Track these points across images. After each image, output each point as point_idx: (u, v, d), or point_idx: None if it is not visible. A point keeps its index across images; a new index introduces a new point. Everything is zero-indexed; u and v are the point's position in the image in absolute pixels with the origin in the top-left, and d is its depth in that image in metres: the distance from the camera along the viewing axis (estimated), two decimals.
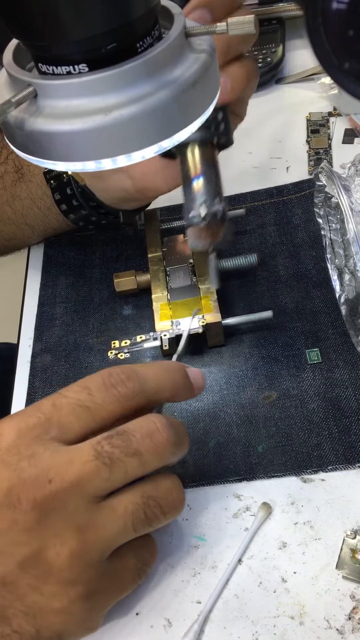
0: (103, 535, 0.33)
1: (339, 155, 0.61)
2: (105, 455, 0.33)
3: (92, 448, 0.33)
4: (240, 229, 0.57)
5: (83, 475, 0.32)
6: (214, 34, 0.27)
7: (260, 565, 0.38)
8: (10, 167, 0.52)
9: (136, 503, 0.34)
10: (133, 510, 0.34)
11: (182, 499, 0.36)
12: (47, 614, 0.32)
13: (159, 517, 0.35)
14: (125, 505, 0.34)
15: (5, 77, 0.27)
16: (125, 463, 0.33)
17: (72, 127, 0.25)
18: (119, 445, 0.33)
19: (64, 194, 0.51)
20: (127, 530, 0.34)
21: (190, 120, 0.27)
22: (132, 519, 0.34)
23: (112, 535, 0.33)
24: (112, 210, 0.52)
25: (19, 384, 0.51)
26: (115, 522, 0.33)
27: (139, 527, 0.34)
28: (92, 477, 0.32)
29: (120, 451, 0.33)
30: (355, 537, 0.38)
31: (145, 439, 0.34)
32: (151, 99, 0.25)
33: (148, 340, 0.47)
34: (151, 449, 0.34)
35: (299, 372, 0.47)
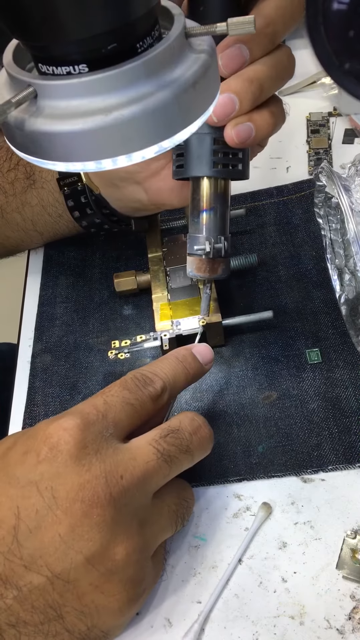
0: (156, 530, 0.35)
1: (339, 155, 0.61)
2: (165, 452, 0.34)
3: (151, 446, 0.34)
4: (241, 229, 0.57)
5: (148, 471, 0.34)
6: (214, 34, 0.27)
7: (260, 565, 0.38)
8: (21, 173, 0.51)
9: (176, 503, 0.37)
10: (175, 509, 0.36)
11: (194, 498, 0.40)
12: (103, 614, 0.32)
13: (188, 514, 0.38)
14: (168, 504, 0.36)
15: (5, 78, 0.27)
16: (180, 459, 0.35)
17: (72, 127, 0.25)
18: (175, 443, 0.35)
19: (77, 201, 0.51)
20: (172, 527, 0.37)
21: (191, 121, 0.27)
22: (175, 517, 0.36)
23: (162, 531, 0.36)
24: (124, 218, 0.52)
25: (19, 384, 0.51)
26: (164, 519, 0.36)
27: (179, 524, 0.37)
28: (155, 473, 0.34)
29: (176, 448, 0.35)
30: (355, 537, 0.38)
31: (194, 436, 0.36)
32: (151, 99, 0.25)
33: (148, 340, 0.47)
34: (199, 445, 0.36)
35: (299, 372, 0.47)
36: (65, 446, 0.32)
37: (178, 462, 0.35)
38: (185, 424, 0.36)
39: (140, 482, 0.33)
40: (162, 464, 0.34)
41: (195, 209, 0.41)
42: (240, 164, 0.40)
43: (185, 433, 0.36)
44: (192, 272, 0.42)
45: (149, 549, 0.34)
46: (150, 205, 0.49)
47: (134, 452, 0.34)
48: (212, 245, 0.41)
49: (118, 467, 0.33)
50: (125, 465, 0.33)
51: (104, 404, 0.35)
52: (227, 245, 0.42)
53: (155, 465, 0.34)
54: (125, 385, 0.36)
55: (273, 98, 0.39)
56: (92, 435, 0.33)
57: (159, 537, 0.36)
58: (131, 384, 0.37)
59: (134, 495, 0.33)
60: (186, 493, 0.39)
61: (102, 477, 0.32)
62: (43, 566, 0.31)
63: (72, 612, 0.32)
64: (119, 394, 0.36)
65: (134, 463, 0.33)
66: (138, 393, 0.36)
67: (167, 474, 0.35)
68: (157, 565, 0.37)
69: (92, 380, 0.50)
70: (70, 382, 0.50)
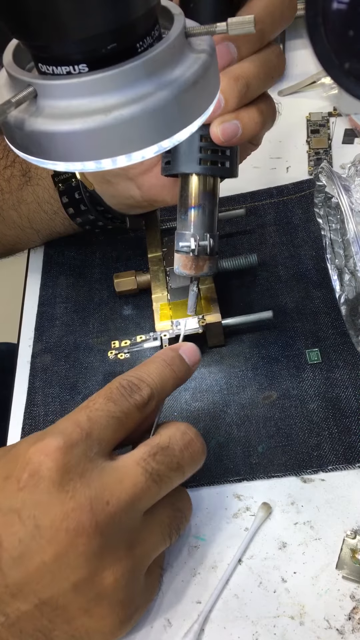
0: (147, 548, 0.34)
1: (339, 155, 0.61)
2: (154, 472, 0.33)
3: (139, 466, 0.33)
4: (240, 229, 0.57)
5: (136, 494, 0.32)
6: (214, 34, 0.27)
7: (260, 565, 0.38)
8: (17, 170, 0.51)
9: (169, 516, 0.35)
10: (168, 522, 0.35)
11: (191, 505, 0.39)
12: (93, 637, 0.32)
13: (184, 524, 0.37)
14: (161, 519, 0.35)
15: (5, 78, 0.27)
16: (170, 477, 0.34)
17: (72, 127, 0.25)
18: (164, 461, 0.34)
19: (71, 198, 0.51)
20: (165, 541, 0.35)
21: (190, 120, 0.27)
22: (168, 530, 0.35)
23: (154, 547, 0.34)
24: (118, 215, 0.52)
25: (19, 384, 0.51)
26: (156, 535, 0.34)
27: (173, 536, 0.36)
28: (144, 495, 0.32)
29: (165, 467, 0.33)
30: (355, 537, 0.38)
31: (185, 451, 0.35)
32: (151, 99, 0.25)
33: (148, 340, 0.47)
34: (190, 460, 0.35)
35: (299, 372, 0.47)
36: (47, 472, 0.31)
37: (168, 481, 0.34)
38: (177, 438, 0.35)
39: (128, 505, 0.32)
40: (151, 485, 0.33)
41: (182, 206, 0.41)
42: (228, 162, 0.40)
43: (176, 449, 0.34)
44: (178, 269, 0.42)
45: (140, 569, 0.33)
46: (144, 202, 0.49)
47: (121, 473, 0.32)
48: (198, 243, 0.41)
49: (104, 491, 0.31)
50: (111, 489, 0.32)
51: (87, 420, 0.33)
52: (214, 242, 0.41)
53: (143, 487, 0.32)
54: (110, 396, 0.35)
55: (263, 96, 0.39)
56: (75, 458, 0.32)
57: (151, 554, 0.35)
58: (116, 393, 0.35)
59: (121, 519, 0.32)
60: (181, 503, 0.37)
61: (87, 505, 0.31)
62: (30, 593, 0.30)
63: (62, 636, 0.31)
64: (103, 407, 0.34)
65: (121, 486, 0.32)
66: (124, 404, 0.34)
67: (157, 493, 0.33)
68: (151, 583, 0.36)
69: (92, 381, 0.49)
70: (70, 382, 0.50)
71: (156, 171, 0.46)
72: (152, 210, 0.55)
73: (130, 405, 0.34)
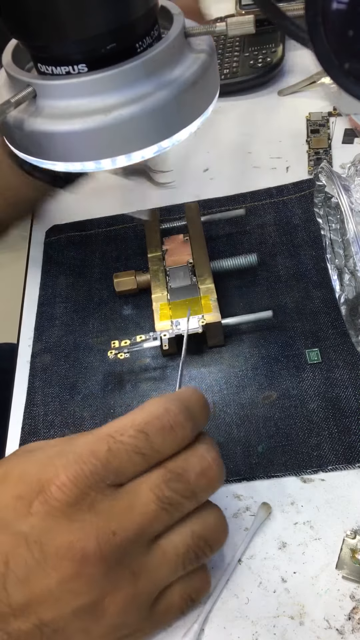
0: (154, 578, 0.33)
1: (339, 155, 0.61)
2: (165, 500, 0.32)
3: (152, 492, 0.32)
4: (240, 229, 0.57)
5: (145, 523, 0.32)
6: (214, 34, 0.27)
7: (260, 565, 0.38)
8: None
9: (187, 544, 0.33)
10: (184, 551, 0.33)
11: (226, 531, 0.35)
12: None
13: (207, 554, 0.34)
14: (176, 547, 0.33)
15: (4, 78, 0.27)
16: (183, 505, 0.33)
17: (72, 127, 0.25)
18: (178, 489, 0.32)
19: None
20: (177, 571, 0.34)
21: (190, 120, 0.27)
22: (183, 560, 0.33)
23: (163, 577, 0.33)
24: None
25: (18, 384, 0.51)
26: (166, 565, 0.33)
27: (188, 566, 0.34)
28: (154, 523, 0.32)
29: (179, 495, 0.32)
30: (355, 537, 0.38)
31: (201, 478, 0.33)
32: (151, 99, 0.25)
33: (148, 340, 0.47)
34: (205, 486, 0.33)
35: (299, 372, 0.47)
36: (57, 503, 0.31)
37: (180, 508, 0.33)
38: (194, 463, 0.33)
39: (136, 535, 0.31)
40: (161, 513, 0.32)
41: None
42: None
43: (192, 475, 0.33)
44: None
45: (143, 598, 0.33)
46: None
47: (131, 499, 0.32)
48: None
49: (111, 521, 0.31)
50: (119, 518, 0.31)
51: (107, 452, 0.32)
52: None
53: (153, 516, 0.32)
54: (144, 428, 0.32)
55: None
56: (86, 489, 0.31)
57: (158, 584, 0.34)
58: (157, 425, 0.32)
59: (127, 549, 0.31)
60: (205, 531, 0.34)
61: (93, 535, 0.31)
62: (32, 615, 0.31)
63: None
64: (132, 441, 0.32)
65: (130, 515, 0.31)
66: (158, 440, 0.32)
67: (167, 520, 0.33)
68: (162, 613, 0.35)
69: (91, 380, 0.49)
70: (70, 382, 0.50)
71: None
72: (151, 210, 0.55)
73: (165, 442, 0.32)
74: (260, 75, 0.70)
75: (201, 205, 0.58)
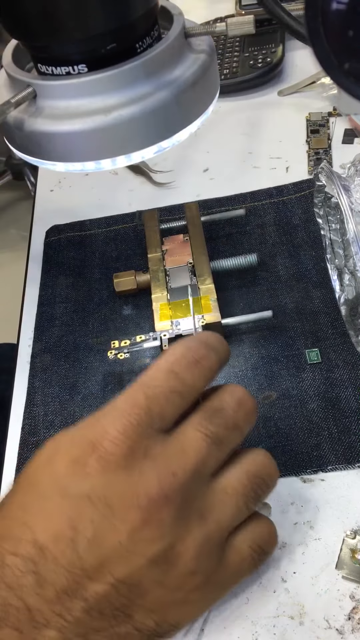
0: (221, 518, 0.33)
1: (339, 155, 0.61)
2: (212, 435, 0.33)
3: (198, 431, 0.33)
4: (240, 229, 0.57)
5: (200, 460, 0.32)
6: (214, 34, 0.27)
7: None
8: None
9: (243, 482, 0.34)
10: (242, 491, 0.34)
11: (276, 468, 0.36)
12: (168, 608, 0.32)
13: (265, 490, 0.35)
14: (234, 485, 0.34)
15: (4, 78, 0.27)
16: (229, 438, 0.34)
17: (72, 127, 0.25)
18: (221, 423, 0.34)
19: None
20: (241, 510, 0.34)
21: (190, 121, 0.27)
22: (244, 498, 0.34)
23: (229, 517, 0.34)
24: None
25: (18, 384, 0.51)
26: (229, 503, 0.33)
27: (251, 504, 0.34)
28: (208, 459, 0.33)
29: (223, 428, 0.33)
30: (355, 537, 0.38)
31: (239, 411, 0.34)
32: (151, 99, 0.25)
33: (148, 340, 0.47)
34: (245, 418, 0.35)
35: (299, 372, 0.47)
36: (112, 457, 0.32)
37: (228, 442, 0.34)
38: (228, 399, 0.35)
39: (194, 473, 0.32)
40: (213, 448, 0.33)
41: None
42: None
43: (230, 410, 0.34)
44: None
45: (214, 539, 0.33)
46: None
47: (182, 442, 0.33)
48: None
49: (169, 464, 0.32)
50: (176, 460, 0.32)
51: (145, 399, 0.33)
52: None
53: (206, 452, 0.33)
54: (171, 367, 0.33)
55: None
56: (137, 438, 0.32)
57: (226, 524, 0.34)
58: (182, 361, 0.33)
59: (190, 488, 0.32)
60: (257, 467, 0.35)
61: (155, 479, 0.31)
62: (107, 574, 0.31)
63: (139, 611, 0.31)
64: (163, 384, 0.33)
65: (185, 456, 0.32)
66: (188, 375, 0.33)
67: (220, 456, 0.33)
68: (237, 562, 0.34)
69: (91, 380, 0.50)
70: (69, 382, 0.50)
71: None
72: (151, 210, 0.55)
73: (194, 376, 0.34)
74: (260, 75, 0.70)
75: (201, 205, 0.58)
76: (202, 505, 0.33)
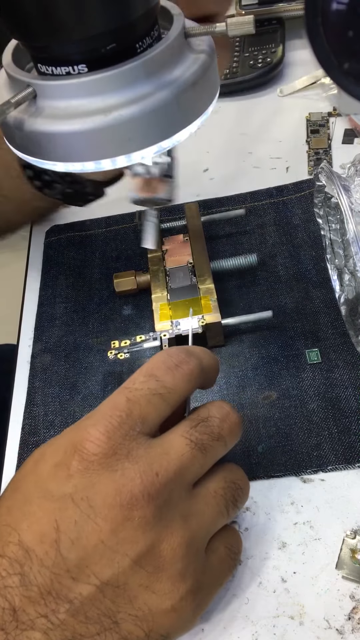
0: (203, 521, 0.34)
1: (339, 156, 0.61)
2: (198, 442, 0.34)
3: (183, 437, 0.34)
4: (240, 229, 0.57)
5: (183, 463, 0.33)
6: (214, 34, 0.27)
7: (260, 565, 0.38)
8: None
9: (223, 487, 0.35)
10: (222, 494, 0.35)
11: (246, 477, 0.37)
12: (157, 615, 0.32)
13: (242, 497, 0.36)
14: (214, 490, 0.35)
15: (4, 78, 0.27)
16: (214, 447, 0.34)
17: (72, 127, 0.25)
18: (206, 431, 0.34)
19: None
20: (222, 513, 0.35)
21: (190, 121, 0.27)
22: (224, 502, 0.35)
23: (211, 520, 0.34)
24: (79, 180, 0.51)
25: (18, 384, 0.51)
26: (211, 507, 0.34)
27: (230, 509, 0.35)
28: (191, 464, 0.33)
29: (208, 437, 0.34)
30: (355, 537, 0.38)
31: (224, 423, 0.35)
32: (151, 99, 0.25)
33: (148, 340, 0.47)
34: (230, 431, 0.35)
35: (299, 372, 0.47)
36: (94, 457, 0.32)
37: (212, 450, 0.34)
38: (214, 412, 0.35)
39: (177, 476, 0.33)
40: (197, 454, 0.33)
41: None
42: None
43: (216, 420, 0.35)
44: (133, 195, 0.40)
45: (198, 541, 0.33)
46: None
47: (166, 446, 0.33)
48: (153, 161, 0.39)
49: (152, 465, 0.32)
50: (159, 461, 0.32)
51: (126, 402, 0.34)
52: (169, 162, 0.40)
53: (189, 456, 0.33)
54: (151, 372, 0.34)
55: None
56: (119, 439, 0.32)
57: (209, 527, 0.34)
58: (159, 368, 0.34)
59: (172, 490, 0.32)
60: (234, 475, 0.36)
61: (138, 478, 0.32)
62: (91, 575, 0.31)
63: (127, 619, 0.31)
64: (143, 386, 0.34)
65: (168, 458, 0.33)
66: (168, 378, 0.34)
67: (203, 463, 0.34)
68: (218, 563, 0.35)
69: (91, 380, 0.50)
70: (70, 382, 0.50)
71: None
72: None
73: (174, 379, 0.34)
74: (260, 75, 0.70)
75: (201, 205, 0.58)
76: (185, 508, 0.33)
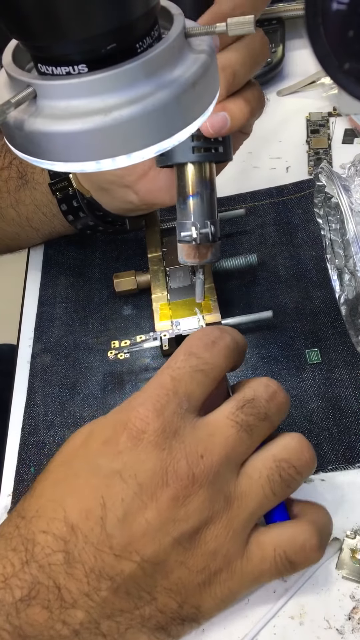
0: (246, 504, 0.33)
1: (339, 155, 0.61)
2: (243, 424, 0.34)
3: (229, 419, 0.34)
4: (240, 229, 0.57)
5: (229, 446, 0.33)
6: (214, 34, 0.27)
7: None
8: (14, 172, 0.51)
9: (269, 467, 0.34)
10: (268, 474, 0.34)
11: (313, 455, 0.36)
12: (190, 589, 0.32)
13: (295, 477, 0.34)
14: (259, 471, 0.34)
15: (4, 78, 0.27)
16: (260, 428, 0.34)
17: (72, 127, 0.25)
18: (252, 412, 0.34)
19: (70, 205, 0.51)
20: (267, 496, 0.34)
21: (190, 121, 0.27)
22: (270, 484, 0.34)
23: (254, 503, 0.34)
24: (118, 219, 0.52)
25: (19, 384, 0.51)
26: (255, 489, 0.34)
27: (278, 490, 0.34)
28: (237, 446, 0.33)
29: (254, 418, 0.34)
30: (355, 537, 0.38)
31: (271, 402, 0.35)
32: (151, 100, 0.25)
33: (148, 340, 0.47)
34: (276, 410, 0.35)
35: (299, 372, 0.47)
36: (143, 434, 0.33)
37: (258, 431, 0.34)
38: (260, 391, 0.35)
39: (222, 458, 0.33)
40: (243, 435, 0.34)
41: (181, 195, 0.42)
42: (221, 147, 0.41)
43: (262, 401, 0.35)
44: (182, 259, 0.43)
45: (239, 524, 0.33)
46: (142, 206, 0.49)
47: (212, 428, 0.34)
48: (199, 231, 0.41)
49: (198, 446, 0.33)
50: (204, 444, 0.33)
51: (171, 380, 0.34)
52: (215, 229, 0.42)
53: (235, 439, 0.33)
54: (190, 350, 0.35)
55: (249, 84, 0.39)
56: (168, 418, 0.33)
57: (253, 510, 0.34)
58: (197, 345, 0.35)
59: (217, 472, 0.33)
60: (286, 452, 0.34)
61: (183, 459, 0.32)
62: (133, 552, 0.31)
63: (162, 592, 0.32)
64: (184, 364, 0.35)
65: (213, 440, 0.33)
66: (206, 355, 0.35)
67: (250, 444, 0.34)
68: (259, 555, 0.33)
69: (91, 380, 0.50)
70: (70, 382, 0.50)
71: (152, 176, 0.46)
72: (154, 213, 0.56)
73: (213, 354, 0.35)
74: (260, 75, 0.70)
75: None
76: (228, 490, 0.33)
